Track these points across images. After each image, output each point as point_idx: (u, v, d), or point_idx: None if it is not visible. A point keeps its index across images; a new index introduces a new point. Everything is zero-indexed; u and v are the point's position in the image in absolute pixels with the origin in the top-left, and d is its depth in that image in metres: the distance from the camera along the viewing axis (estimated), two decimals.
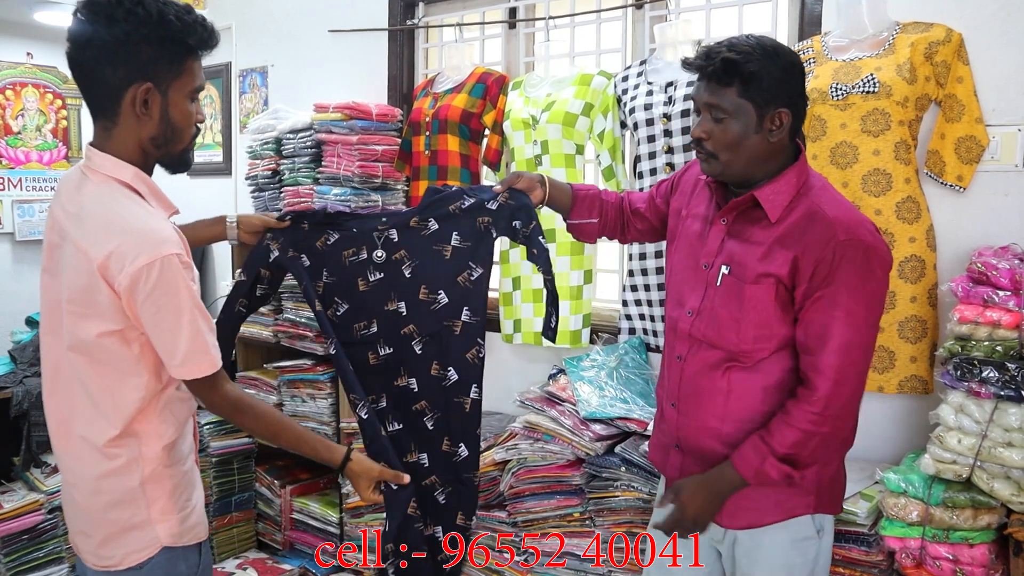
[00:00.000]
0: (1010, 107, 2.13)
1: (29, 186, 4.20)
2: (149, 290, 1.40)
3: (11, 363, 2.93)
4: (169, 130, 1.48)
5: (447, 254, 1.84)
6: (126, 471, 1.53)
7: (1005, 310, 1.86)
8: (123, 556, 1.55)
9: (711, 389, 1.66)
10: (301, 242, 1.91)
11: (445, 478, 1.83)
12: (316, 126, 3.12)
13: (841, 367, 1.50)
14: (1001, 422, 1.84)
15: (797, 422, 1.53)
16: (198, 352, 1.47)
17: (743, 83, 1.51)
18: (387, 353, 1.86)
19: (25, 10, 3.71)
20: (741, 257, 1.60)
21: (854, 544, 2.01)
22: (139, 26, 1.38)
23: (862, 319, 1.51)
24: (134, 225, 1.42)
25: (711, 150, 1.58)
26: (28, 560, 2.72)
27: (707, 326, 1.66)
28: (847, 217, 1.52)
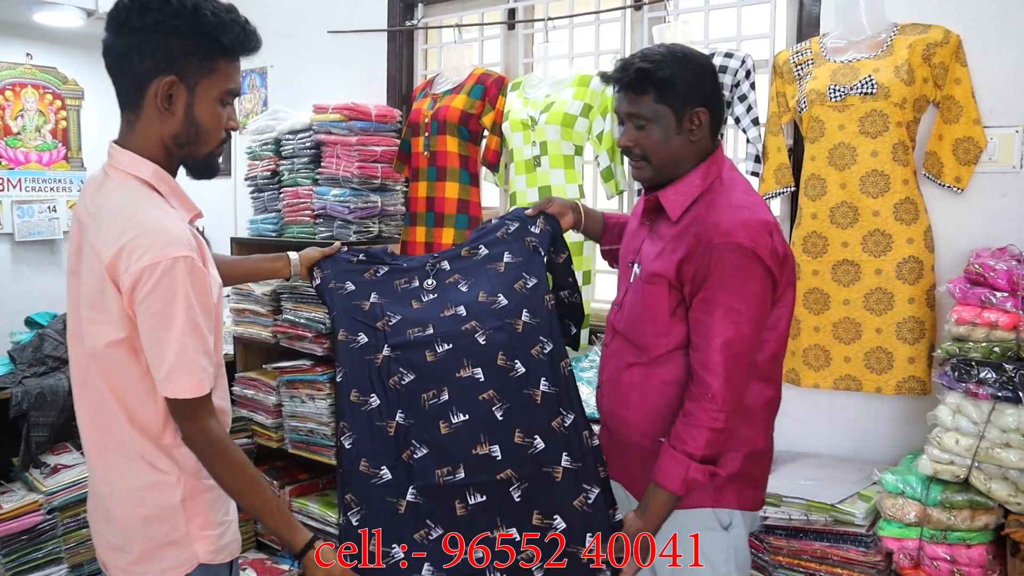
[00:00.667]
0: (1008, 108, 2.13)
1: (28, 187, 4.20)
2: (147, 292, 1.33)
3: (10, 364, 2.93)
4: (193, 130, 1.42)
5: (501, 269, 1.85)
6: (169, 486, 1.47)
7: (1003, 311, 1.86)
8: (159, 573, 1.49)
9: (622, 380, 1.74)
10: (347, 273, 1.92)
11: (521, 472, 1.70)
12: (315, 127, 3.12)
13: (726, 363, 1.55)
14: (998, 423, 1.84)
15: (702, 422, 1.57)
16: (182, 370, 1.37)
17: (658, 89, 1.60)
18: (446, 349, 1.77)
19: (24, 11, 3.71)
20: (646, 255, 1.70)
21: (852, 544, 2.01)
22: (171, 17, 1.34)
23: (743, 316, 1.55)
24: (145, 224, 1.36)
25: (640, 155, 1.66)
26: (27, 561, 2.72)
27: (623, 319, 1.76)
28: (728, 220, 1.56)
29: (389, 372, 1.77)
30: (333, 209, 3.04)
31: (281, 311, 3.18)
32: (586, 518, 1.68)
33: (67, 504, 2.80)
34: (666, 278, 1.62)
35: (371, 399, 1.75)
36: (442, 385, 1.75)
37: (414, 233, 3.14)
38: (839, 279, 2.27)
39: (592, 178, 2.90)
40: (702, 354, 1.58)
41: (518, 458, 1.70)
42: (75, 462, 2.91)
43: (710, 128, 1.65)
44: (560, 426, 1.72)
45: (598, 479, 1.71)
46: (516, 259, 1.85)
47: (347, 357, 1.80)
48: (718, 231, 1.56)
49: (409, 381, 1.76)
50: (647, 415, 1.71)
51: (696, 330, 1.60)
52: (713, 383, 1.56)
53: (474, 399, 1.73)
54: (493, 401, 1.73)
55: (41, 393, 2.76)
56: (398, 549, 1.70)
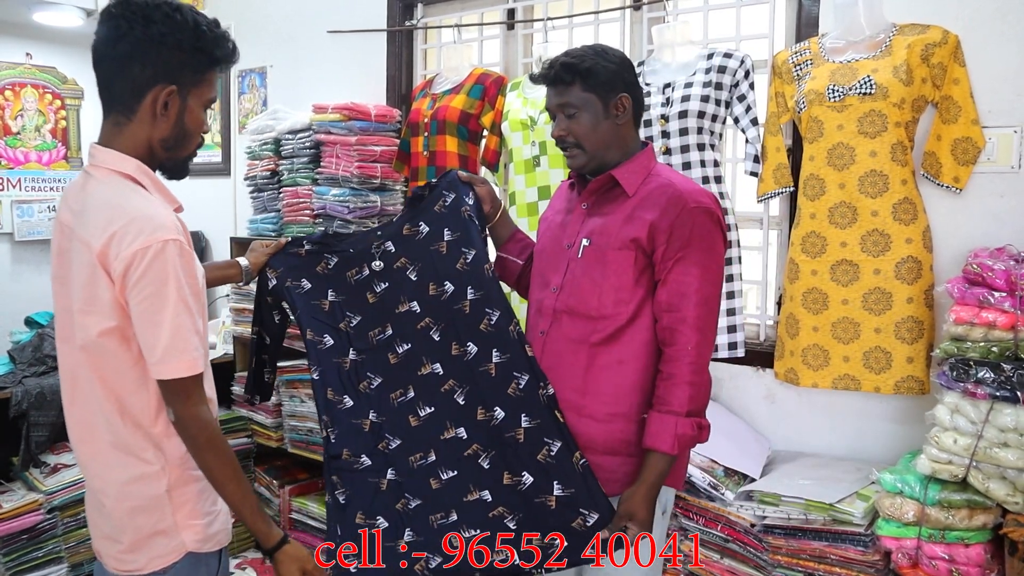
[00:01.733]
0: (1006, 108, 2.13)
1: (28, 186, 4.20)
2: (139, 276, 1.38)
3: (10, 363, 2.93)
4: (181, 134, 1.52)
5: (443, 249, 1.91)
6: (153, 477, 1.52)
7: (1001, 311, 1.87)
8: (147, 561, 1.54)
9: (570, 363, 1.76)
10: (300, 269, 1.98)
11: (487, 443, 1.80)
12: (315, 127, 3.12)
13: (703, 316, 1.67)
14: (996, 422, 1.84)
15: (682, 378, 1.65)
16: (177, 349, 1.41)
17: (583, 79, 1.73)
18: (406, 349, 1.90)
19: (24, 11, 3.72)
20: (603, 228, 1.76)
21: (850, 544, 2.01)
22: (175, 31, 1.43)
23: (715, 275, 1.70)
24: (133, 212, 1.41)
25: (574, 142, 1.77)
26: (27, 560, 2.72)
27: (569, 295, 1.78)
28: (694, 189, 1.74)
29: (359, 377, 1.91)
30: (333, 209, 3.05)
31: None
32: (551, 469, 1.73)
33: (67, 503, 2.81)
34: (637, 243, 1.70)
35: (345, 399, 1.89)
36: (407, 384, 1.88)
37: None
38: (838, 279, 2.27)
39: None
40: (680, 311, 1.67)
41: (482, 431, 1.81)
42: (75, 461, 2.90)
43: (632, 115, 1.78)
44: (516, 390, 1.78)
45: (557, 430, 1.74)
46: (455, 235, 1.91)
47: (317, 357, 1.92)
48: (690, 196, 1.69)
49: (377, 384, 1.90)
50: (601, 397, 1.73)
51: (671, 289, 1.68)
52: (691, 336, 1.65)
53: (436, 391, 1.86)
54: (454, 389, 1.85)
55: (41, 393, 2.76)
56: (382, 520, 1.87)
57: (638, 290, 1.72)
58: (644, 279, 1.72)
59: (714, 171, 2.47)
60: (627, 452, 1.72)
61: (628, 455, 1.72)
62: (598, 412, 1.73)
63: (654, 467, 1.66)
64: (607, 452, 1.73)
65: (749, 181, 2.51)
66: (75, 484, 2.82)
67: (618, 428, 1.72)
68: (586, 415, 1.74)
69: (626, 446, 1.72)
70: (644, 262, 1.71)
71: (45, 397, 2.77)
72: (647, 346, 1.72)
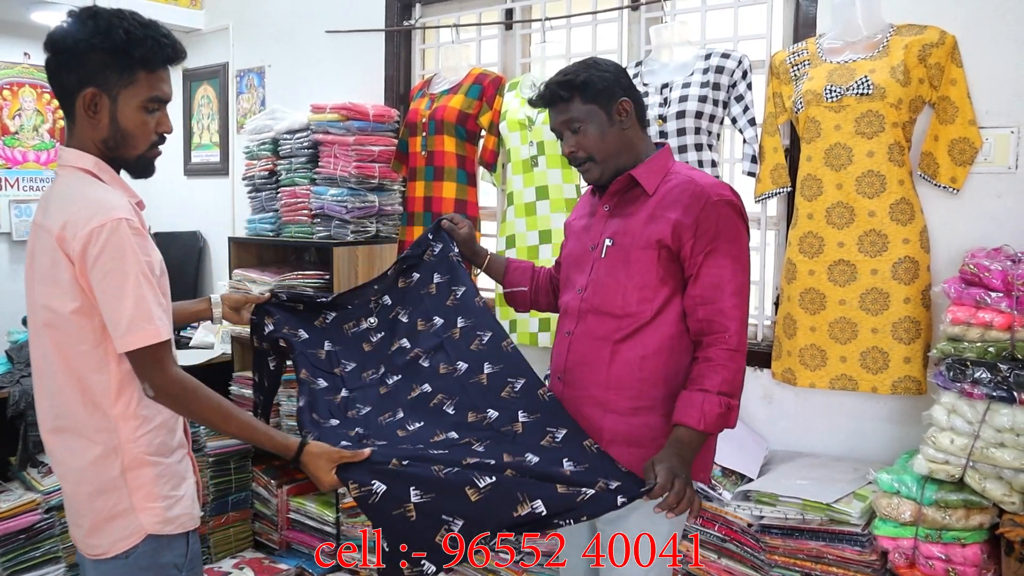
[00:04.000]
0: (1003, 109, 2.14)
1: (26, 186, 4.20)
2: (97, 253, 1.45)
3: (8, 363, 2.93)
4: (119, 134, 1.56)
5: (433, 291, 1.98)
6: (105, 459, 1.56)
7: (997, 311, 1.87)
8: (110, 544, 1.58)
9: (595, 359, 1.78)
10: (298, 320, 2.00)
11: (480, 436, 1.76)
12: (313, 127, 3.12)
13: (739, 306, 1.69)
14: (993, 423, 1.85)
15: (720, 361, 1.66)
16: (141, 319, 1.46)
17: (580, 92, 1.75)
18: (396, 380, 1.93)
19: (22, 10, 3.71)
20: (625, 228, 1.78)
21: (847, 544, 2.02)
22: (89, 36, 1.49)
23: (744, 264, 1.73)
24: (88, 197, 1.50)
25: (585, 157, 1.79)
26: (25, 560, 2.71)
27: (594, 295, 1.80)
28: (714, 183, 1.75)
29: (347, 407, 1.90)
30: (331, 209, 3.05)
31: None
32: (557, 449, 1.69)
33: None
34: (661, 241, 1.71)
35: (331, 420, 1.85)
36: (396, 407, 1.88)
37: (411, 233, 3.14)
38: (835, 279, 2.28)
39: None
40: (716, 303, 1.68)
41: (474, 429, 1.79)
42: None
43: (636, 117, 1.80)
44: (511, 392, 1.79)
45: (562, 421, 1.73)
46: (444, 277, 1.98)
47: (308, 391, 1.91)
48: (712, 190, 1.71)
49: (366, 412, 1.89)
50: (624, 391, 1.74)
51: (704, 282, 1.69)
52: (730, 325, 1.67)
53: (425, 407, 1.85)
54: (443, 402, 1.85)
55: None
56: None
57: (662, 288, 1.73)
58: (669, 277, 1.73)
59: (712, 171, 2.47)
60: (652, 444, 1.71)
61: (653, 447, 1.70)
62: (622, 406, 1.74)
63: (680, 437, 1.65)
64: (631, 444, 1.73)
65: (746, 181, 2.51)
66: None
67: (642, 421, 1.73)
68: (611, 410, 1.75)
69: (650, 438, 1.72)
70: (669, 260, 1.73)
71: None
72: (671, 340, 1.73)
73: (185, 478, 1.68)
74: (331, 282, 3.05)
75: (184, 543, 1.65)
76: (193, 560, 1.68)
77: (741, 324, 1.70)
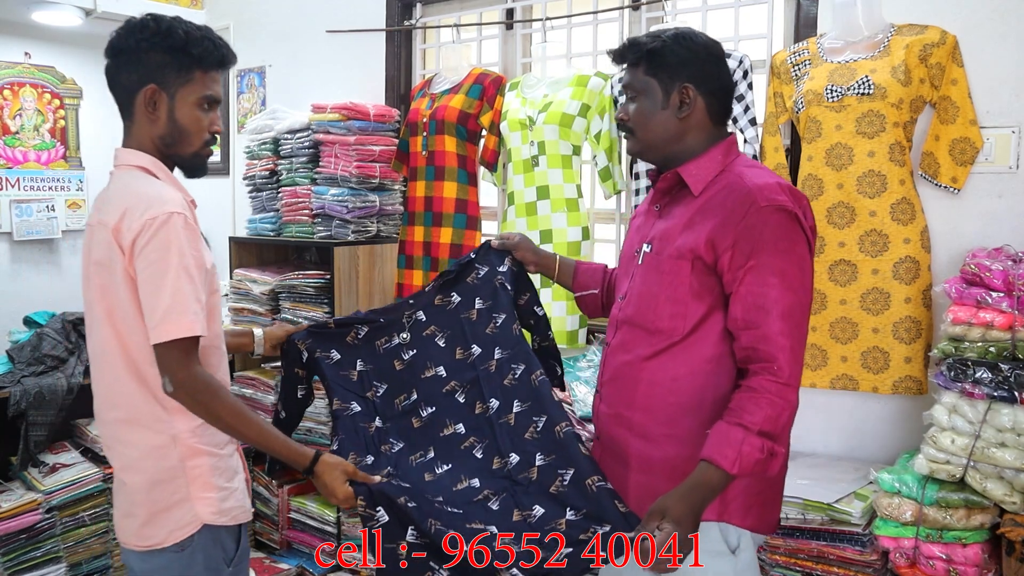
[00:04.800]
0: (1004, 109, 2.14)
1: (27, 185, 4.20)
2: (144, 243, 1.50)
3: (9, 363, 2.93)
4: (176, 131, 1.64)
5: (473, 317, 1.92)
6: (164, 449, 1.61)
7: (998, 311, 1.87)
8: (166, 535, 1.61)
9: (627, 376, 1.62)
10: (330, 340, 1.95)
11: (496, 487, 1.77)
12: (314, 126, 3.12)
13: (790, 332, 1.44)
14: (994, 422, 1.85)
15: (766, 393, 1.42)
16: (175, 311, 1.49)
17: (647, 61, 1.59)
18: (430, 412, 1.89)
19: (23, 10, 3.71)
20: (664, 233, 1.61)
21: (848, 544, 2.02)
22: (150, 36, 1.59)
23: (797, 281, 1.46)
24: (144, 192, 1.56)
25: (630, 127, 1.65)
26: (26, 560, 2.71)
27: (629, 305, 1.65)
28: (766, 184, 1.49)
29: (381, 441, 1.88)
30: (331, 208, 3.05)
31: (279, 310, 3.18)
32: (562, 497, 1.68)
33: (65, 503, 2.80)
34: (695, 252, 1.51)
35: (367, 458, 1.83)
36: (428, 446, 1.86)
37: (412, 232, 3.14)
38: (836, 279, 2.28)
39: (590, 178, 2.90)
40: (759, 328, 1.45)
41: (495, 477, 1.78)
42: (73, 461, 2.91)
43: (708, 112, 1.60)
44: (533, 433, 1.75)
45: (573, 458, 1.68)
46: (486, 303, 1.92)
47: (343, 425, 1.88)
48: (761, 194, 1.47)
49: (398, 449, 1.86)
50: (653, 414, 1.58)
51: (746, 302, 1.46)
52: (779, 356, 1.43)
53: (455, 449, 1.84)
54: (473, 445, 1.84)
55: (39, 392, 2.76)
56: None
57: (697, 305, 1.53)
58: (705, 292, 1.52)
59: None
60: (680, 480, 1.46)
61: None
62: (651, 431, 1.58)
63: (702, 475, 1.42)
64: (655, 474, 1.56)
65: None
66: (73, 484, 2.82)
67: (672, 451, 1.56)
68: (638, 433, 1.60)
69: (682, 472, 1.47)
70: (704, 273, 1.52)
71: (43, 397, 2.77)
72: (707, 364, 1.54)
73: (237, 472, 1.73)
74: (332, 281, 3.05)
75: (236, 537, 1.70)
76: (242, 555, 1.72)
77: (792, 354, 1.44)
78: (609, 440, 1.68)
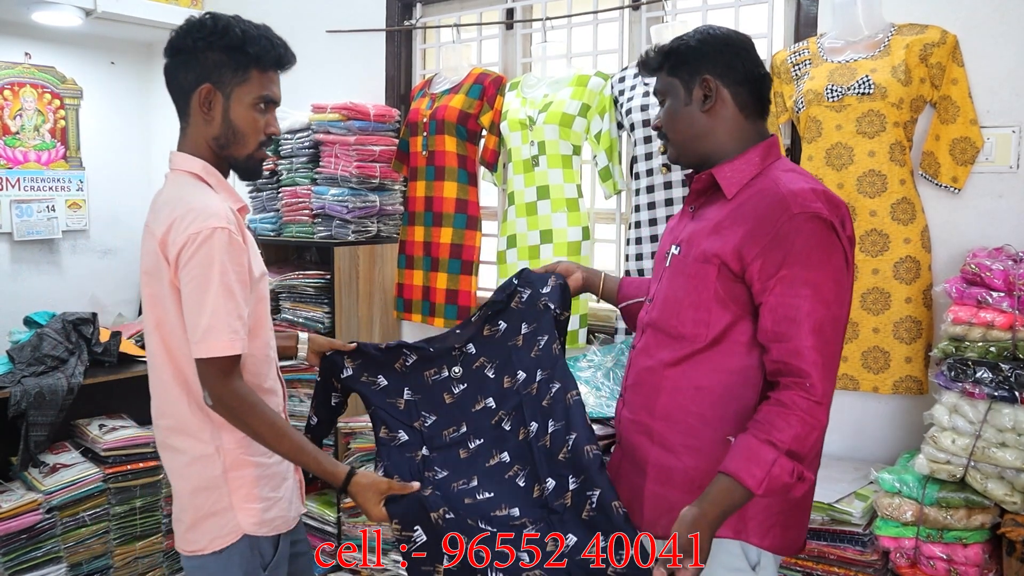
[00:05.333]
0: (1004, 109, 2.14)
1: (27, 186, 4.19)
2: (187, 259, 1.50)
3: (9, 363, 2.93)
4: (230, 132, 1.62)
5: (519, 343, 1.89)
6: (208, 458, 1.62)
7: (999, 311, 1.87)
8: (208, 541, 1.64)
9: (649, 382, 1.58)
10: (378, 365, 1.91)
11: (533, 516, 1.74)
12: (314, 126, 3.12)
13: (822, 346, 1.37)
14: (995, 422, 1.85)
15: (797, 410, 1.35)
16: (215, 329, 1.50)
17: (668, 62, 1.56)
18: (478, 444, 1.86)
19: (23, 10, 3.71)
20: (692, 235, 1.55)
21: (849, 544, 2.02)
22: (207, 35, 1.58)
23: (831, 294, 1.39)
24: (191, 203, 1.55)
25: (663, 132, 1.61)
26: (26, 560, 2.72)
27: (655, 308, 1.61)
28: (801, 190, 1.42)
29: (426, 468, 1.84)
30: (331, 208, 3.05)
31: (280, 310, 3.18)
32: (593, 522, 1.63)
33: (66, 503, 2.80)
34: (720, 258, 1.45)
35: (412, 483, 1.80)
36: (472, 474, 1.82)
37: (412, 232, 3.14)
38: None
39: (590, 178, 2.90)
40: (789, 341, 1.38)
41: (534, 507, 1.74)
42: (73, 461, 2.91)
43: (737, 105, 1.53)
44: (565, 453, 1.70)
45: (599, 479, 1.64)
46: (531, 326, 1.88)
47: (388, 453, 1.85)
48: (795, 200, 1.40)
49: (442, 477, 1.82)
50: (674, 424, 1.52)
51: (776, 314, 1.40)
52: (812, 372, 1.35)
53: (500, 477, 1.80)
54: (516, 474, 1.80)
55: (40, 393, 2.76)
56: None
57: (722, 312, 1.47)
58: (731, 300, 1.46)
59: None
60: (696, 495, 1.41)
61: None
62: (670, 441, 1.52)
63: (724, 492, 1.35)
64: (685, 490, 1.49)
65: None
66: (73, 484, 2.82)
67: (692, 463, 1.50)
68: (657, 442, 1.55)
69: (699, 486, 1.42)
70: (731, 281, 1.46)
71: (44, 397, 2.77)
72: (732, 376, 1.48)
73: (286, 479, 1.74)
74: (332, 281, 3.05)
75: (273, 546, 1.71)
76: (279, 561, 1.72)
77: (824, 371, 1.36)
78: (629, 447, 1.64)
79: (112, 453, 2.93)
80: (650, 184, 2.55)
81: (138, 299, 4.52)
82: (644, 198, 2.57)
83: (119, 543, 2.98)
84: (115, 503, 2.94)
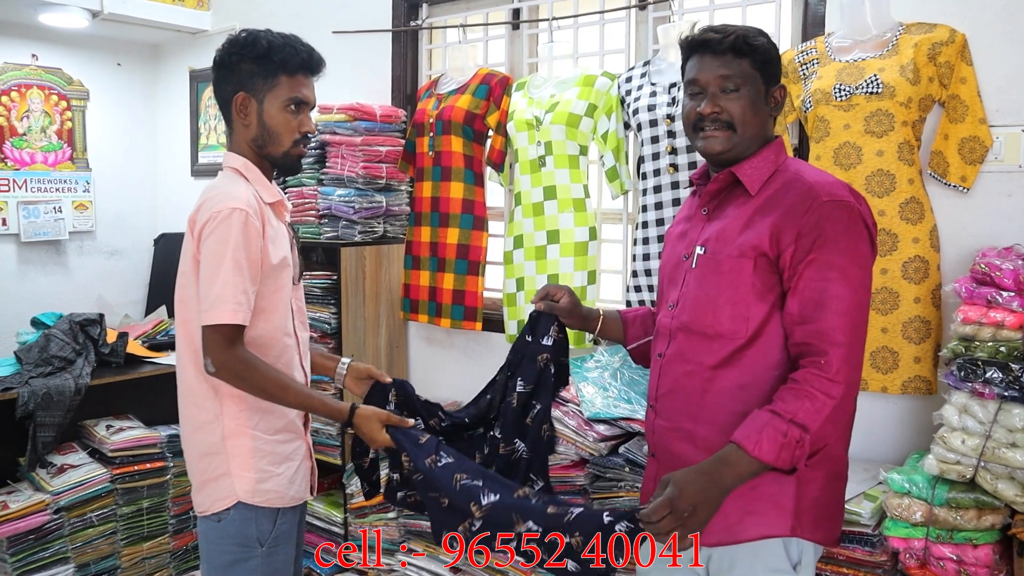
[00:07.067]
0: (1013, 108, 2.13)
1: (34, 187, 4.21)
2: (208, 233, 1.66)
3: (17, 364, 2.93)
4: (265, 133, 1.80)
5: (514, 402, 1.91)
6: (210, 425, 1.77)
7: (1009, 311, 1.86)
8: (210, 503, 1.79)
9: (687, 387, 1.57)
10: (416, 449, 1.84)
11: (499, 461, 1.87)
12: (320, 127, 3.12)
13: (847, 329, 1.41)
14: (1005, 423, 1.84)
15: (810, 387, 1.39)
16: (223, 299, 1.64)
17: (755, 55, 1.55)
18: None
19: (30, 12, 3.72)
20: (720, 233, 1.57)
21: (858, 544, 2.00)
22: (239, 49, 1.78)
23: (857, 279, 1.44)
24: (221, 189, 1.73)
25: (726, 121, 1.55)
26: (34, 560, 2.72)
27: (683, 311, 1.60)
28: (827, 180, 1.51)
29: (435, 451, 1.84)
30: (338, 209, 3.05)
31: None
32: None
33: (73, 504, 2.81)
34: (758, 249, 1.48)
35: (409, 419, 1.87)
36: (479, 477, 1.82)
37: (419, 233, 3.14)
38: None
39: (597, 178, 2.90)
40: (815, 323, 1.42)
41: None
42: (81, 462, 2.91)
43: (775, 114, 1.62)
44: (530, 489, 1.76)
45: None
46: (528, 387, 1.91)
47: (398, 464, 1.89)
48: (823, 189, 1.47)
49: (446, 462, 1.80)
50: (719, 427, 1.51)
51: (803, 297, 1.44)
52: (831, 351, 1.40)
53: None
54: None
55: (47, 393, 2.77)
56: None
57: (760, 305, 1.49)
58: (768, 292, 1.49)
59: None
60: (747, 495, 1.46)
61: (747, 498, 1.47)
62: (715, 443, 1.48)
63: (729, 464, 1.39)
64: (734, 495, 1.45)
65: None
66: (81, 484, 2.83)
67: None
68: (703, 447, 1.52)
69: (749, 486, 1.45)
70: (768, 271, 1.49)
71: (51, 397, 2.77)
72: (774, 370, 1.50)
73: (289, 460, 1.84)
74: (338, 282, 3.05)
75: (272, 519, 1.80)
76: (278, 539, 1.82)
77: (847, 351, 1.40)
78: (667, 456, 1.62)
79: (119, 454, 2.94)
80: (657, 184, 2.54)
81: (144, 300, 4.53)
82: (651, 198, 2.56)
83: (126, 543, 2.99)
84: (122, 504, 2.95)
